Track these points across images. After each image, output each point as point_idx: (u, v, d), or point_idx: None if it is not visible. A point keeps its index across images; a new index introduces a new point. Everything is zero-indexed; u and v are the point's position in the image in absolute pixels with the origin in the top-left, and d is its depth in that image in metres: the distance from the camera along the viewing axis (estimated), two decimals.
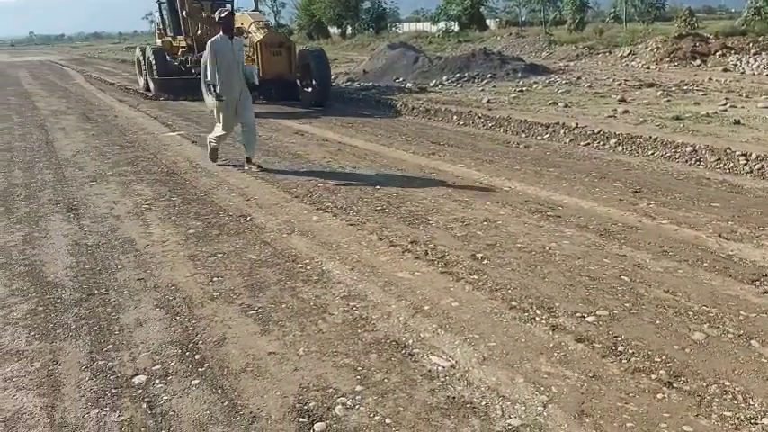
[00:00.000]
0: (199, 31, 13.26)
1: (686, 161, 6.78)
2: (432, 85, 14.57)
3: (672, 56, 18.22)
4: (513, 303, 3.39)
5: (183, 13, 13.44)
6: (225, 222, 4.97)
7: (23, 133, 9.89)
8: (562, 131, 8.41)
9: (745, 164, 6.34)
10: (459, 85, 14.41)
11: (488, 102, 11.37)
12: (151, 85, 14.84)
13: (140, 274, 3.89)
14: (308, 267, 3.98)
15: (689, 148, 6.92)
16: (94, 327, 3.20)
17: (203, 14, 13.00)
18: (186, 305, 3.43)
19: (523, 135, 8.74)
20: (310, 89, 12.18)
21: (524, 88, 13.26)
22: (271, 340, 3.04)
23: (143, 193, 5.93)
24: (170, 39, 15.11)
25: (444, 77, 15.43)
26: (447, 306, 3.38)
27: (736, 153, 6.51)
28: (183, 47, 14.30)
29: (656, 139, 7.39)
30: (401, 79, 15.64)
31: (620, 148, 7.53)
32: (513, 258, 4.06)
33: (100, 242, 4.52)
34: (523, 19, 33.61)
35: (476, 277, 3.76)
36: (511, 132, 8.96)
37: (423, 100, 11.64)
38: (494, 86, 13.85)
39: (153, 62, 14.31)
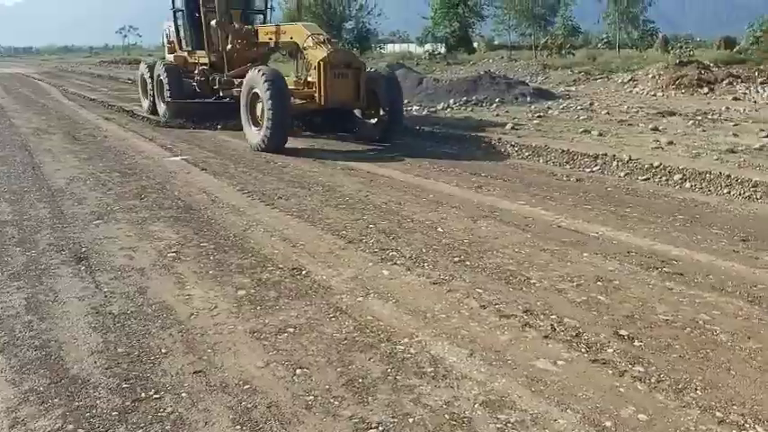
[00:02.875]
0: (229, 46, 10.94)
1: None
2: (440, 108, 13.85)
3: (677, 83, 17.87)
4: (719, 415, 2.53)
5: (213, 22, 10.93)
6: (278, 279, 4.02)
7: (4, 155, 8.73)
8: (614, 164, 7.67)
9: None
10: (469, 109, 13.70)
11: (513, 128, 10.65)
12: (161, 109, 12.46)
13: (196, 363, 2.91)
14: (412, 351, 3.06)
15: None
16: None
17: (234, 25, 10.82)
18: (275, 420, 2.47)
19: (568, 166, 7.98)
20: (374, 120, 9.75)
21: (540, 113, 12.61)
22: None
23: (164, 237, 4.93)
24: (185, 54, 12.66)
25: (451, 100, 14.72)
26: (633, 420, 2.49)
27: None
28: (203, 64, 11.92)
29: (728, 176, 6.68)
30: (406, 101, 14.88)
31: (687, 185, 6.81)
32: (669, 338, 3.20)
33: (128, 310, 3.52)
34: (513, 43, 33.48)
35: (641, 369, 2.89)
36: (552, 163, 8.20)
37: (446, 125, 10.85)
38: (506, 111, 13.16)
39: (165, 81, 11.93)
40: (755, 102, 14.85)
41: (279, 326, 3.31)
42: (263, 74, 8.72)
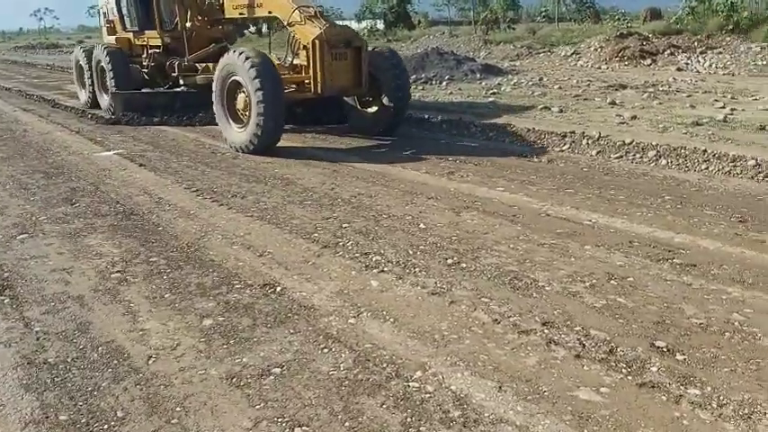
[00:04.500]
0: (188, 23, 9.18)
1: (752, 177, 5.88)
2: None
3: (620, 55, 17.94)
4: None
5: None
6: (249, 300, 3.40)
7: None
8: (584, 141, 7.36)
9: None
10: (420, 88, 13.17)
11: (470, 106, 10.24)
12: (103, 102, 10.65)
13: (165, 429, 2.29)
14: (429, 389, 2.54)
15: (750, 162, 6.03)
16: None
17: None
18: None
19: (536, 146, 7.61)
20: (373, 109, 8.20)
21: (493, 90, 12.27)
22: None
23: (104, 252, 4.19)
24: (129, 35, 10.72)
25: None
26: None
27: None
28: (154, 46, 10.21)
29: (704, 151, 6.46)
30: None
31: (663, 162, 6.56)
32: (712, 348, 2.82)
33: (68, 356, 2.83)
34: (454, 18, 33.07)
35: (697, 392, 2.48)
36: (520, 143, 7.81)
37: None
38: (459, 88, 12.74)
39: (109, 69, 10.06)
40: (698, 72, 15.03)
41: (261, 366, 2.72)
42: (246, 57, 7.05)
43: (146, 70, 10.27)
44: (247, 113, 7.22)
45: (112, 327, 3.11)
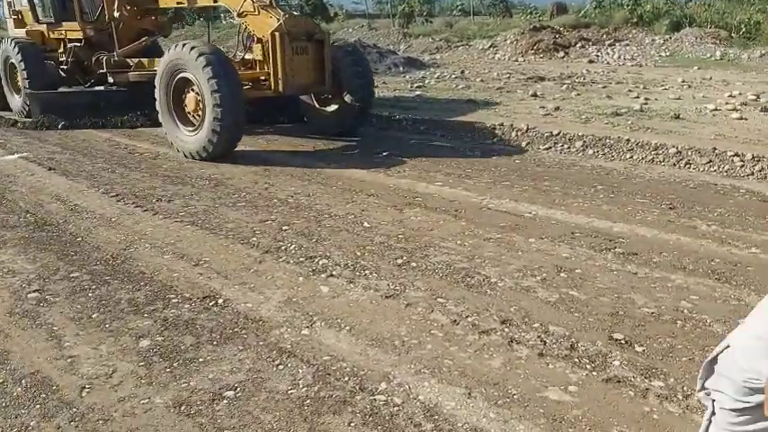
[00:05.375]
0: (116, 13, 8.21)
1: (674, 164, 6.15)
2: None
3: (535, 48, 18.52)
4: None
5: None
6: (190, 315, 3.13)
7: None
8: (513, 134, 7.46)
9: (742, 165, 5.84)
10: None
11: (397, 100, 10.18)
12: (14, 103, 9.55)
13: None
14: (397, 401, 2.41)
15: (671, 150, 6.32)
16: None
17: None
18: None
19: (467, 139, 7.64)
20: (332, 107, 7.63)
21: (418, 83, 12.31)
22: None
23: (17, 269, 3.75)
24: (42, 28, 9.63)
25: None
26: None
27: (728, 153, 6.01)
28: (73, 40, 9.23)
29: (627, 140, 6.71)
30: None
31: (590, 152, 6.75)
32: (667, 338, 2.87)
33: None
34: (371, 11, 32.97)
35: (661, 384, 2.50)
36: (451, 137, 7.81)
37: None
38: (384, 82, 12.66)
39: (21, 66, 8.97)
40: (608, 63, 15.75)
41: (211, 389, 2.49)
42: (198, 51, 6.28)
43: (64, 66, 9.27)
44: (200, 115, 6.48)
45: (35, 355, 2.76)
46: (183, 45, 6.59)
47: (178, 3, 7.94)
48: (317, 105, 7.81)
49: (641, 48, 16.69)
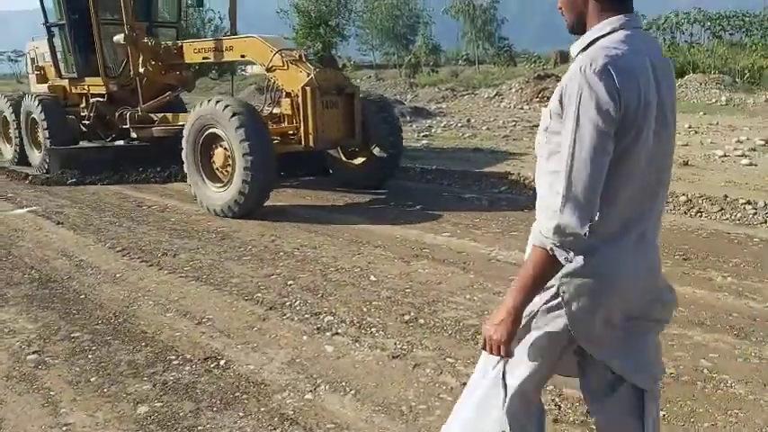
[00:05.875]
0: (141, 69, 8.13)
1: (685, 212, 6.07)
2: None
3: (540, 96, 18.73)
4: None
5: (119, 38, 8.02)
6: (190, 378, 3.04)
7: None
8: (520, 182, 7.44)
9: (755, 213, 5.75)
10: None
11: (406, 150, 10.24)
12: (34, 158, 9.53)
13: None
14: None
15: (681, 198, 6.25)
16: None
17: (149, 41, 8.10)
18: None
19: (475, 187, 7.62)
20: (361, 160, 7.49)
21: (425, 132, 12.43)
22: None
23: (18, 329, 3.69)
24: (64, 83, 9.69)
25: None
26: None
27: (740, 201, 5.93)
28: (97, 95, 9.24)
29: None
30: None
31: None
32: (688, 400, 2.73)
33: None
34: (378, 62, 33.68)
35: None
36: (458, 185, 7.80)
37: None
38: None
39: (43, 121, 8.97)
40: None
41: None
42: (226, 107, 6.25)
43: (87, 122, 9.26)
44: (228, 171, 6.37)
45: (30, 422, 2.66)
46: (217, 102, 6.46)
47: (204, 57, 7.90)
48: (344, 158, 7.67)
49: None
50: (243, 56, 7.41)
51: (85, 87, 9.47)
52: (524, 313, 1.51)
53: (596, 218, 1.41)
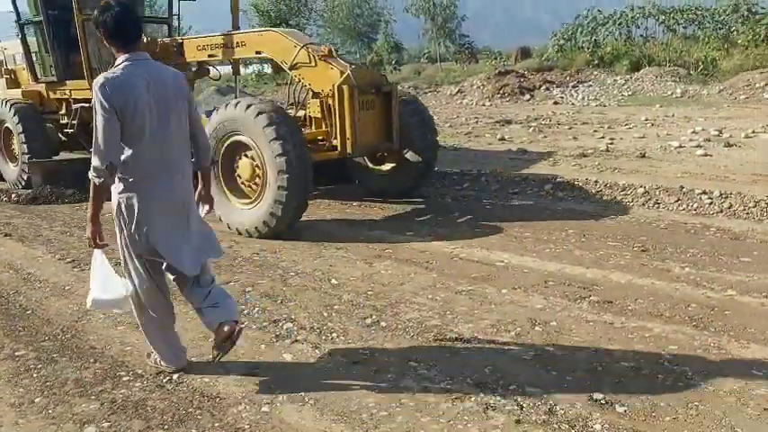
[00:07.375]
0: None
1: (643, 204, 6.14)
2: None
3: (501, 92, 18.87)
4: None
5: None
6: (141, 395, 2.90)
7: None
8: (483, 179, 7.43)
9: (711, 203, 5.85)
10: None
11: None
12: (10, 173, 8.63)
13: None
14: None
15: (639, 189, 6.32)
16: None
17: (144, 39, 7.06)
18: None
19: (438, 186, 7.58)
20: (390, 166, 6.71)
21: None
22: None
23: None
24: (40, 88, 8.61)
25: None
26: None
27: (696, 191, 6.03)
28: (80, 100, 7.98)
29: (596, 181, 6.72)
30: None
31: (560, 194, 6.72)
32: (649, 394, 2.72)
33: None
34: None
35: None
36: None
37: None
38: None
39: (20, 131, 8.12)
40: (573, 104, 16.06)
41: None
42: (256, 109, 5.35)
43: (69, 130, 8.19)
44: (257, 185, 5.56)
45: None
46: (237, 104, 5.58)
47: (210, 55, 6.92)
48: (371, 165, 6.87)
49: (604, 88, 17.11)
50: (258, 52, 6.56)
51: (67, 92, 8.35)
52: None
53: (113, 162, 2.72)
